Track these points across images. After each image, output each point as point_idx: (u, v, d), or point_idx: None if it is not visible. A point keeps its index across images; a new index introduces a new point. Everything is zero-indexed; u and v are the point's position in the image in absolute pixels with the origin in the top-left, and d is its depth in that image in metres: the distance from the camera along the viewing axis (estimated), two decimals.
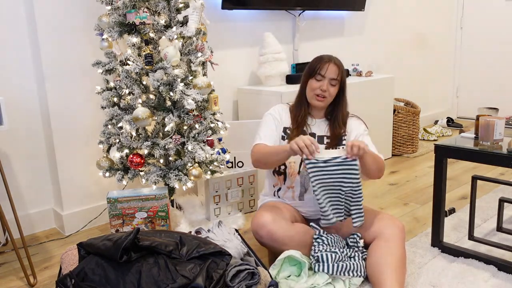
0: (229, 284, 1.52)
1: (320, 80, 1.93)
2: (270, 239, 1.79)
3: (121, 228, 2.07)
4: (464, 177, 3.15)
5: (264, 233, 1.79)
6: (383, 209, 2.60)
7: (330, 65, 1.92)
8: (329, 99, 1.96)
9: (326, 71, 1.92)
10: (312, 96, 1.96)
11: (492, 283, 1.79)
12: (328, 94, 1.94)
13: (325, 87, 1.92)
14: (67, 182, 2.42)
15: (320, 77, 1.93)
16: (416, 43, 4.60)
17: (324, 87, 1.92)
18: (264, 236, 1.79)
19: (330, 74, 1.92)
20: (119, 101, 2.21)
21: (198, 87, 2.10)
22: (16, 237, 2.33)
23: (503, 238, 2.16)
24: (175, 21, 2.15)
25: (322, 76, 1.93)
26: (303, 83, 2.00)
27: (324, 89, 1.92)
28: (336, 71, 1.92)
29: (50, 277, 1.99)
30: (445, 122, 4.75)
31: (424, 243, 2.13)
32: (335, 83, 1.94)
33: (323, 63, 1.93)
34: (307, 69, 1.98)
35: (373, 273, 1.70)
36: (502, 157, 1.79)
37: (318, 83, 1.93)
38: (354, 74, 3.57)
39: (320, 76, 1.93)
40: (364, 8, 3.69)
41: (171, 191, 2.32)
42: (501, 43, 4.75)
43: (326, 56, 1.96)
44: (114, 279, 1.41)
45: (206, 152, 2.13)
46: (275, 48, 2.96)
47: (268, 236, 1.78)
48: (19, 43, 2.29)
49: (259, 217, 1.83)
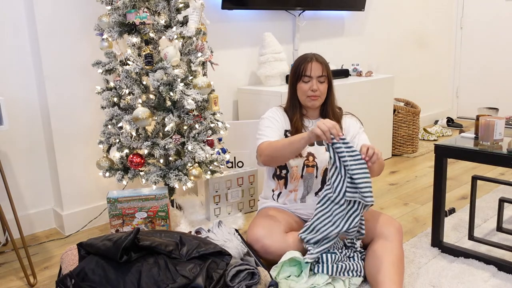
0: (229, 284, 1.52)
1: (308, 81, 1.94)
2: (265, 253, 1.80)
3: (121, 228, 2.07)
4: (464, 177, 3.15)
5: (259, 247, 1.80)
6: (383, 209, 2.60)
7: (313, 64, 1.93)
8: (322, 96, 1.97)
9: (311, 71, 1.92)
10: (305, 99, 1.96)
11: (492, 283, 1.79)
12: (319, 92, 1.94)
13: (315, 86, 1.92)
14: (67, 182, 2.42)
15: (307, 78, 1.93)
16: (416, 43, 4.61)
17: (314, 87, 1.92)
18: (259, 250, 1.81)
19: (316, 73, 1.93)
20: (119, 101, 2.21)
21: (198, 87, 2.10)
22: (16, 237, 2.33)
23: (503, 238, 2.16)
24: (175, 21, 2.15)
25: (309, 77, 1.93)
26: (292, 87, 2.00)
27: (314, 89, 1.92)
28: (321, 68, 1.93)
29: (50, 277, 1.99)
30: (445, 122, 4.75)
31: (424, 243, 2.13)
32: (323, 79, 1.94)
33: (306, 63, 1.93)
34: (292, 73, 1.98)
35: (372, 273, 1.70)
36: (502, 157, 1.79)
37: (307, 84, 1.94)
38: (354, 74, 3.57)
39: (307, 77, 1.93)
40: (364, 8, 3.69)
41: (171, 191, 2.32)
42: (501, 43, 4.75)
43: (307, 56, 1.96)
44: (114, 279, 1.41)
45: (206, 152, 2.13)
46: (275, 48, 2.96)
47: (263, 250, 1.80)
48: (19, 43, 2.29)
49: (254, 231, 1.84)
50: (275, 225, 1.86)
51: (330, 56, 3.72)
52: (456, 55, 5.10)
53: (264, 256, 1.81)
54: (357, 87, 3.25)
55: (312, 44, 3.56)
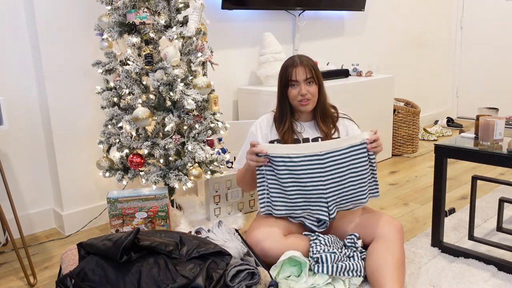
0: (229, 284, 1.52)
1: (295, 86, 1.92)
2: (264, 256, 1.80)
3: (121, 228, 2.07)
4: (464, 177, 3.15)
5: (258, 250, 1.80)
6: (383, 209, 2.60)
7: (297, 69, 1.90)
8: (314, 99, 1.94)
9: (296, 75, 1.90)
10: (297, 104, 1.94)
11: (492, 283, 1.79)
12: (310, 95, 1.92)
13: (304, 90, 1.90)
14: (67, 182, 2.42)
15: (294, 82, 1.91)
16: (416, 43, 4.61)
17: (303, 91, 1.90)
18: (258, 253, 1.81)
19: (302, 76, 1.90)
20: (119, 101, 2.21)
21: (198, 87, 2.10)
22: (16, 237, 2.33)
23: (503, 238, 2.16)
24: (175, 21, 2.15)
25: (296, 81, 1.91)
26: (280, 95, 1.98)
27: (303, 93, 1.90)
28: (305, 71, 1.90)
29: (50, 277, 1.99)
30: (445, 122, 4.75)
31: (424, 243, 2.13)
32: (311, 81, 1.92)
33: (291, 69, 1.91)
34: (280, 81, 1.96)
35: (373, 274, 1.70)
36: (502, 157, 1.79)
37: (296, 89, 1.91)
38: (354, 74, 3.57)
39: (293, 82, 1.91)
40: (364, 8, 3.69)
41: (171, 191, 2.32)
42: (501, 43, 4.75)
43: (290, 61, 1.93)
44: (114, 279, 1.41)
45: (206, 152, 2.13)
46: (275, 48, 2.96)
47: (262, 253, 1.80)
48: (19, 43, 2.29)
49: (253, 234, 1.84)
50: (275, 227, 1.85)
51: (330, 56, 3.72)
52: (456, 55, 5.10)
53: (263, 259, 1.81)
54: (357, 87, 3.25)
55: (312, 44, 3.56)
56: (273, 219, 1.90)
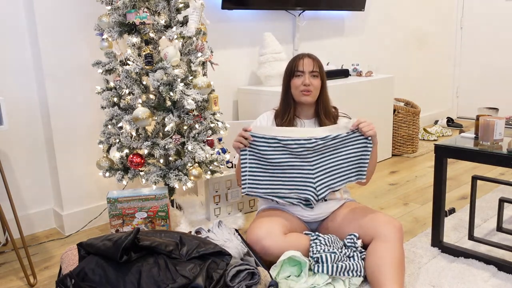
0: (229, 284, 1.52)
1: (300, 76, 1.96)
2: (265, 254, 1.80)
3: (121, 228, 2.07)
4: (464, 177, 3.15)
5: (258, 248, 1.80)
6: (383, 209, 2.60)
7: (305, 60, 1.97)
8: (315, 92, 1.98)
9: (303, 66, 1.96)
10: (298, 94, 1.98)
11: (492, 283, 1.79)
12: (312, 87, 1.95)
13: (308, 80, 1.94)
14: (67, 182, 2.42)
15: (300, 73, 1.96)
16: (416, 43, 4.61)
17: (307, 81, 1.94)
18: (259, 251, 1.81)
19: (308, 68, 1.95)
20: (119, 101, 2.21)
21: (198, 87, 2.10)
22: (16, 237, 2.33)
23: (503, 238, 2.16)
24: (175, 21, 2.15)
25: (301, 72, 1.96)
26: (285, 86, 2.03)
27: (307, 83, 1.94)
28: (313, 63, 1.96)
29: (50, 277, 1.99)
30: (445, 122, 4.75)
31: (424, 243, 2.13)
32: (315, 74, 1.97)
33: (298, 60, 1.98)
34: (286, 72, 2.02)
35: (372, 274, 1.70)
36: (502, 157, 1.79)
37: (300, 79, 1.96)
38: (354, 74, 3.57)
39: (299, 72, 1.96)
40: (364, 8, 3.69)
41: (171, 191, 2.32)
42: (501, 43, 4.75)
43: (299, 54, 2.01)
44: (114, 279, 1.41)
45: (206, 152, 2.13)
46: (275, 48, 2.96)
47: (263, 252, 1.80)
48: (19, 43, 2.30)
49: (253, 232, 1.84)
50: (275, 226, 1.86)
51: (330, 56, 3.72)
52: (456, 55, 5.10)
53: (263, 257, 1.81)
54: (357, 87, 3.25)
55: (312, 44, 3.56)
56: (273, 217, 1.91)
